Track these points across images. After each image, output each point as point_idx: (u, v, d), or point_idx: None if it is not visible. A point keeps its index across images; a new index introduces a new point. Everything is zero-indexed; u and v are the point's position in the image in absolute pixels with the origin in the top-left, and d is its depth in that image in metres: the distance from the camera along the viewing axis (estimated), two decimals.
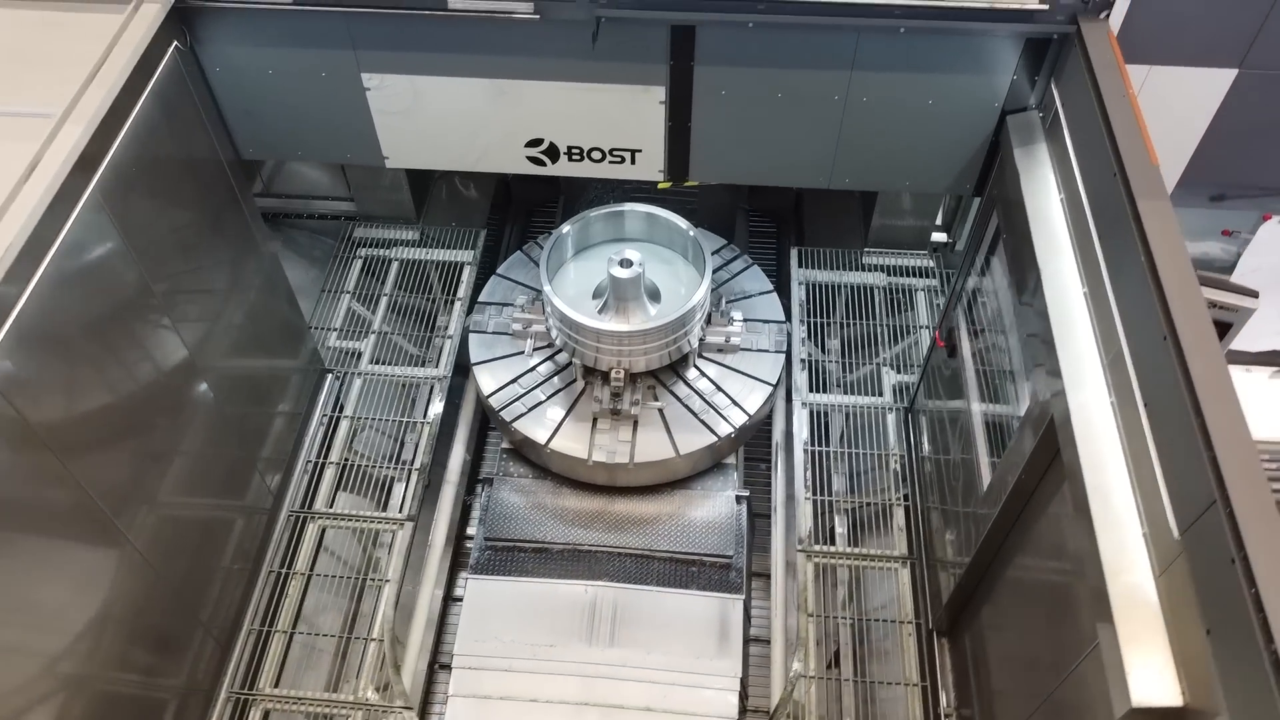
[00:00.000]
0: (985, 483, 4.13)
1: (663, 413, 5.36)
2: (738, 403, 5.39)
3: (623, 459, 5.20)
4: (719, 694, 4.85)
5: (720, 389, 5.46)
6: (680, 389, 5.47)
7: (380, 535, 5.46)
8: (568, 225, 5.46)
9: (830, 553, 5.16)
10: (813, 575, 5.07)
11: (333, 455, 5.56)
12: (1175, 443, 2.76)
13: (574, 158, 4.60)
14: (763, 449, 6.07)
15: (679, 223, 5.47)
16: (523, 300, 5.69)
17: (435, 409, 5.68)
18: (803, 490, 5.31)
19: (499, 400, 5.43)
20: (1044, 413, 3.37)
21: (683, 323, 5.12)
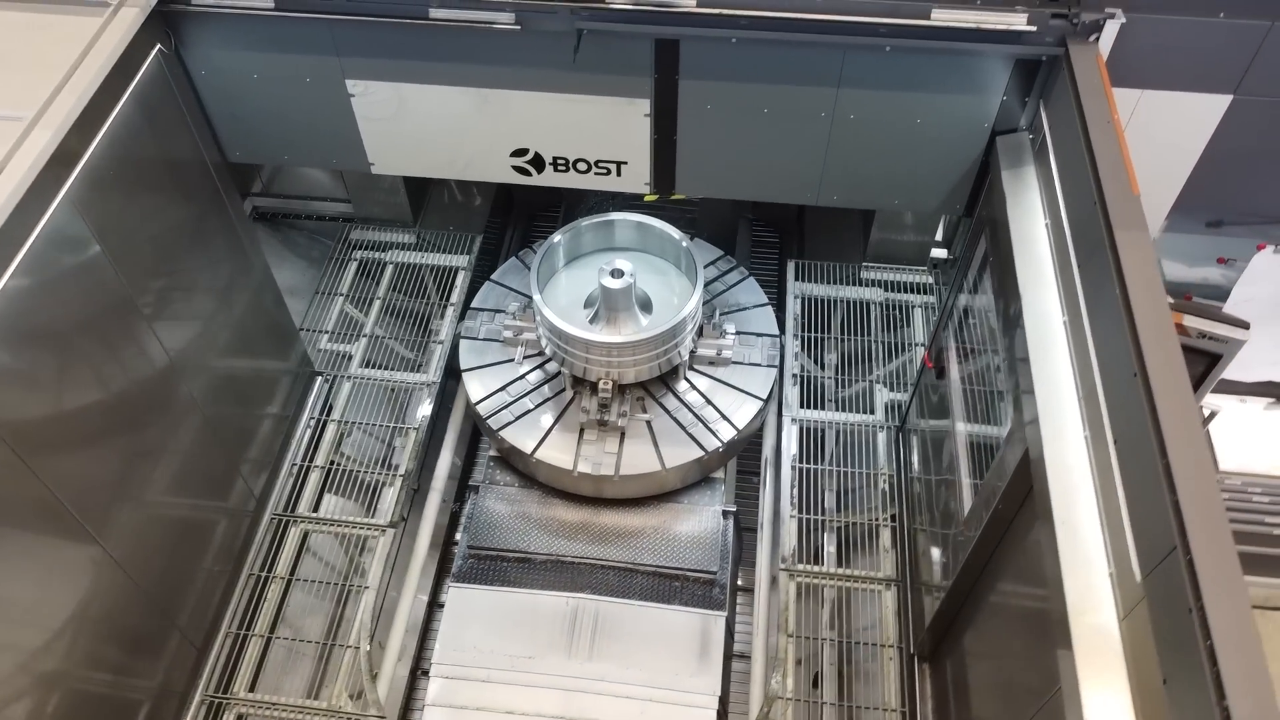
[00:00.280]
0: (967, 507, 4.06)
1: (650, 425, 5.31)
2: (727, 417, 5.32)
3: (608, 471, 5.15)
4: (697, 711, 4.80)
5: (710, 402, 5.39)
6: (670, 401, 5.40)
7: (367, 541, 5.45)
8: (559, 234, 5.40)
9: (814, 572, 5.09)
10: (795, 595, 5.00)
11: (319, 459, 5.54)
12: (1142, 483, 2.69)
13: (559, 168, 4.56)
14: (756, 463, 6.00)
15: (672, 233, 5.40)
16: (515, 307, 5.65)
17: (423, 414, 5.65)
18: (788, 508, 5.24)
19: (486, 408, 5.39)
20: (1020, 443, 3.31)
21: (673, 334, 5.05)
